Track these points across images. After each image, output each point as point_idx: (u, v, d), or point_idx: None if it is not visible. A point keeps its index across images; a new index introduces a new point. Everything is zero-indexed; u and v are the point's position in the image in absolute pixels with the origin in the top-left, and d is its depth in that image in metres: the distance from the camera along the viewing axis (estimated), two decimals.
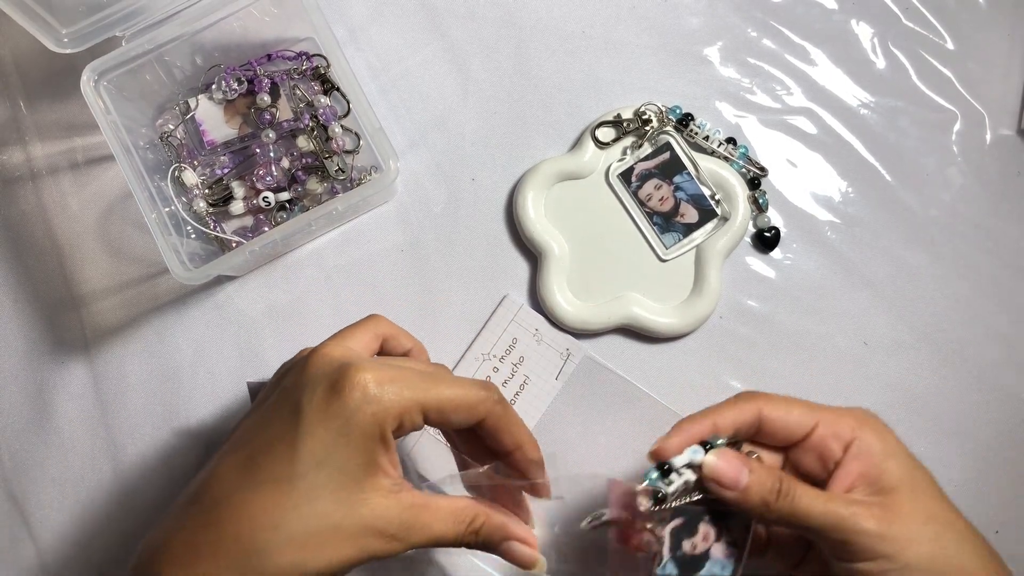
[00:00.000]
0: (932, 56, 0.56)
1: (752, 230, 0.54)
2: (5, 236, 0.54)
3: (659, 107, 0.53)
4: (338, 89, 0.53)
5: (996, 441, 0.52)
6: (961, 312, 0.53)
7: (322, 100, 0.53)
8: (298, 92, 0.53)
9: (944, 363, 0.53)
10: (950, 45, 0.56)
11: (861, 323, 0.53)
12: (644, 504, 0.39)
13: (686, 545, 0.41)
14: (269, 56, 0.53)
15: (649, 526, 0.39)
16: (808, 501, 0.37)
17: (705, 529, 0.41)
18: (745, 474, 0.38)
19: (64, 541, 0.51)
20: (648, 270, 0.53)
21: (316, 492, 0.34)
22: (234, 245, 0.51)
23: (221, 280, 0.53)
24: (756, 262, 0.54)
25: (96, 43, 0.48)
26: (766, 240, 0.53)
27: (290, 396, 0.36)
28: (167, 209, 0.49)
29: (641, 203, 0.53)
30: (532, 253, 0.53)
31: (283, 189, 0.52)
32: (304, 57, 0.54)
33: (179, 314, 0.53)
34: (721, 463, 0.38)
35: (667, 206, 0.53)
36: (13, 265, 0.54)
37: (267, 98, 0.53)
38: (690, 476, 0.39)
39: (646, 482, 0.39)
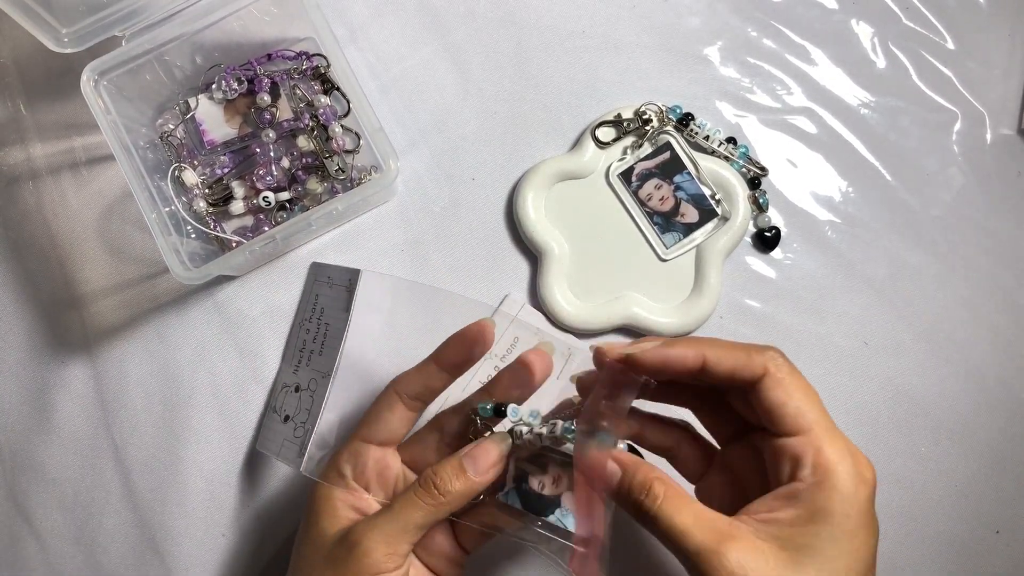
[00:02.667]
0: (932, 56, 0.56)
1: (752, 230, 0.54)
2: (5, 236, 0.54)
3: (659, 107, 0.53)
4: (338, 89, 0.53)
5: (996, 441, 0.52)
6: (961, 312, 0.53)
7: (322, 100, 0.53)
8: (298, 92, 0.53)
9: (944, 363, 0.53)
10: (950, 45, 0.56)
11: (861, 323, 0.53)
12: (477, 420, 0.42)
13: (533, 482, 0.41)
14: (269, 56, 0.53)
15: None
16: (671, 511, 0.34)
17: (556, 472, 0.41)
18: (617, 474, 0.37)
19: (64, 541, 0.51)
20: (648, 270, 0.53)
21: None
22: (234, 245, 0.51)
23: (221, 280, 0.53)
24: (756, 262, 0.54)
25: (96, 43, 0.48)
26: (766, 240, 0.53)
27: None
28: (167, 209, 0.49)
29: (641, 203, 0.53)
30: (532, 253, 0.53)
31: (283, 189, 0.52)
32: (304, 57, 0.54)
33: (179, 314, 0.53)
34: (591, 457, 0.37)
35: (667, 206, 0.53)
36: (13, 265, 0.54)
37: (267, 98, 0.53)
38: (537, 429, 0.40)
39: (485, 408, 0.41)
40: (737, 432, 0.40)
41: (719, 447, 0.42)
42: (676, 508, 0.35)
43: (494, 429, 0.42)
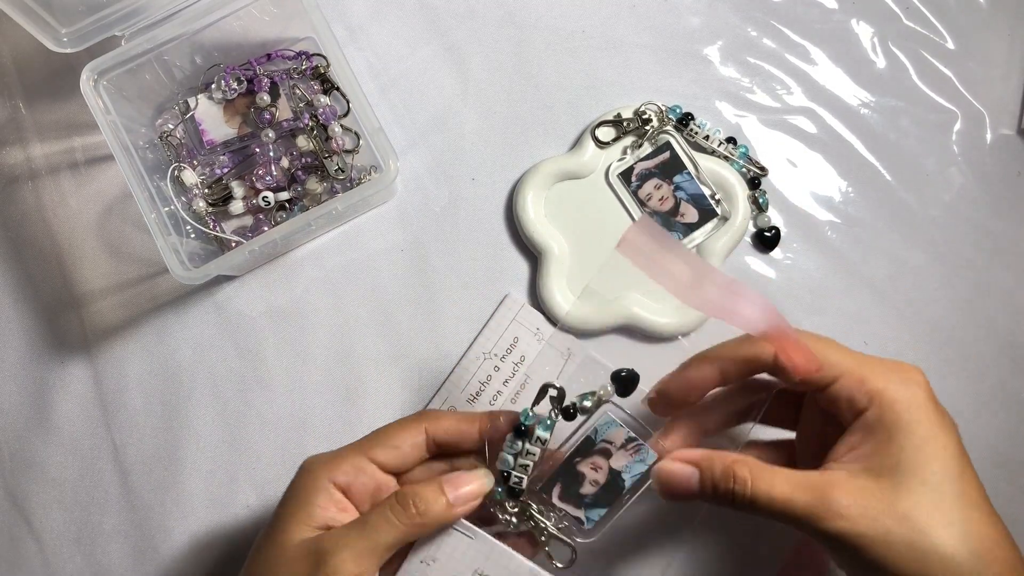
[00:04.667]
0: (932, 56, 0.56)
1: (752, 230, 0.54)
2: (5, 236, 0.54)
3: (659, 107, 0.53)
4: (338, 89, 0.53)
5: (996, 441, 0.52)
6: (961, 312, 0.53)
7: (322, 100, 0.53)
8: (298, 92, 0.53)
9: (944, 363, 0.53)
10: (950, 45, 0.56)
11: (861, 323, 0.53)
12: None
13: (587, 486, 0.42)
14: (269, 56, 0.53)
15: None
16: (766, 488, 0.35)
17: (594, 462, 0.42)
18: (695, 475, 0.37)
19: (64, 541, 0.51)
20: None
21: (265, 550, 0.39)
22: (234, 245, 0.51)
23: (221, 280, 0.53)
24: (756, 262, 0.54)
25: (96, 42, 0.48)
26: (766, 240, 0.53)
27: None
28: (167, 209, 0.49)
29: (641, 203, 0.53)
30: (532, 253, 0.53)
31: (283, 189, 0.52)
32: (304, 57, 0.54)
33: (179, 314, 0.53)
34: (667, 468, 0.38)
35: (667, 206, 0.53)
36: (13, 265, 0.54)
37: (267, 98, 0.53)
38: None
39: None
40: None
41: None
42: (769, 483, 0.35)
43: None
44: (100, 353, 0.53)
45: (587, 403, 0.42)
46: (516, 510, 0.42)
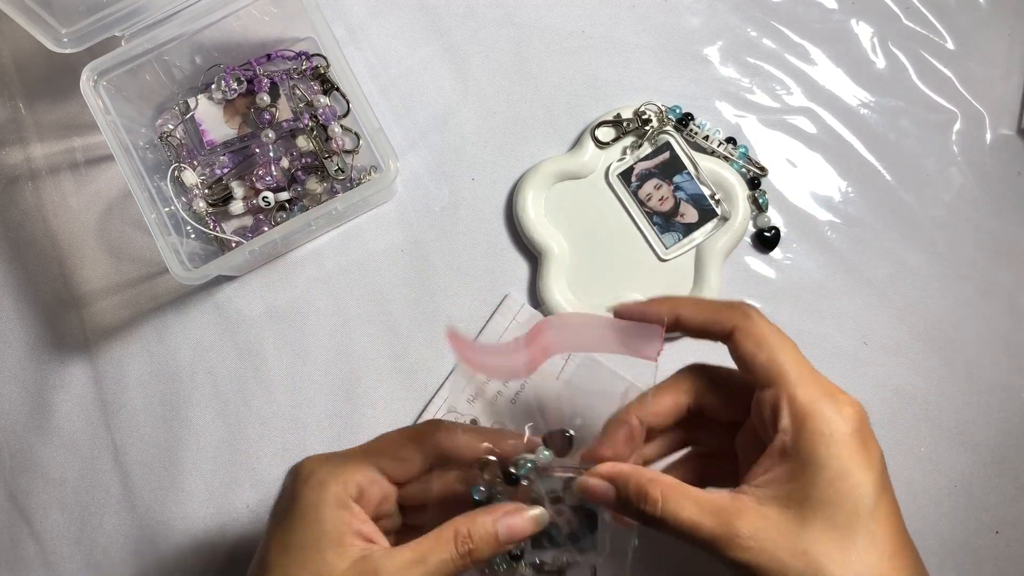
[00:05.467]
0: (932, 56, 0.56)
1: (752, 230, 0.54)
2: (5, 236, 0.54)
3: (659, 107, 0.53)
4: (338, 89, 0.53)
5: (996, 441, 0.52)
6: (961, 312, 0.53)
7: (322, 100, 0.53)
8: (298, 92, 0.53)
9: (944, 363, 0.53)
10: (950, 45, 0.56)
11: (861, 323, 0.53)
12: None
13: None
14: (269, 56, 0.53)
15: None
16: (674, 510, 0.35)
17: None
18: (611, 491, 0.37)
19: (64, 541, 0.51)
20: (648, 270, 0.53)
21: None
22: (234, 245, 0.51)
23: (221, 280, 0.53)
24: (756, 262, 0.54)
25: (96, 43, 0.48)
26: (766, 240, 0.53)
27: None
28: (167, 209, 0.49)
29: (641, 203, 0.53)
30: (532, 253, 0.53)
31: (283, 189, 0.52)
32: (304, 57, 0.54)
33: (179, 314, 0.53)
34: (585, 483, 0.38)
35: (667, 206, 0.53)
36: (13, 265, 0.54)
37: (267, 98, 0.53)
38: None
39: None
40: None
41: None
42: (678, 504, 0.35)
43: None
44: (100, 353, 0.53)
45: (527, 467, 0.40)
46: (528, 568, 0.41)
